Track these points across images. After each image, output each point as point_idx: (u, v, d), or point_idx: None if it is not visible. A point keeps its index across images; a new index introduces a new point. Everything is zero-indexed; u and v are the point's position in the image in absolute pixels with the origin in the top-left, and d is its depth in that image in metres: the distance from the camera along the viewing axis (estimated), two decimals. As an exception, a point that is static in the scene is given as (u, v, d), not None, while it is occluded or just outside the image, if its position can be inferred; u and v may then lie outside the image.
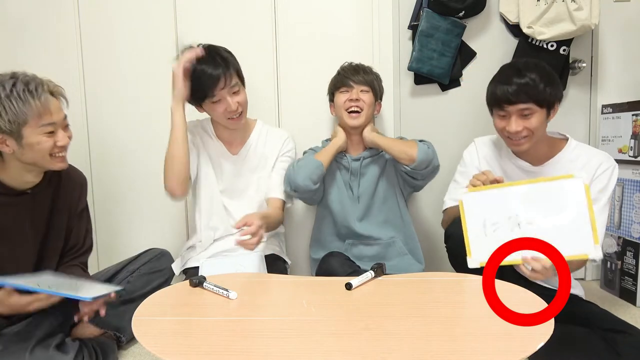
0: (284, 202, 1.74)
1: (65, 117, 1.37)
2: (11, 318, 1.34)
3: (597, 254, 1.13)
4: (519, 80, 1.35)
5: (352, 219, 1.76)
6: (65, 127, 1.37)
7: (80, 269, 1.54)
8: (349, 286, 1.12)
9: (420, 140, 1.70)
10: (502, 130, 1.42)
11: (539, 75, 1.35)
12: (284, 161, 1.76)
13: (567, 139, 1.49)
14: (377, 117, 1.96)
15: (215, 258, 1.63)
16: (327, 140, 1.84)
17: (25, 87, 1.24)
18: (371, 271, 1.20)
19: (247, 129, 1.76)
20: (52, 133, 1.31)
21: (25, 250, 1.41)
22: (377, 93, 1.76)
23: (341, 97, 1.73)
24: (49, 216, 1.44)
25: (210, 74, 1.52)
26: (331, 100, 1.82)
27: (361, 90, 1.71)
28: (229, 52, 1.63)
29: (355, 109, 1.70)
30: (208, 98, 1.56)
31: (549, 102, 1.37)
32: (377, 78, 1.78)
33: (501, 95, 1.37)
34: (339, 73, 1.79)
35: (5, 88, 1.22)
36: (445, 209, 1.61)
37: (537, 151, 1.45)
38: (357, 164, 1.76)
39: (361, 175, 1.77)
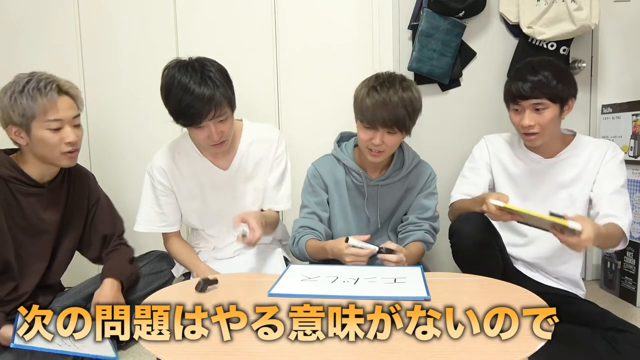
0: (279, 212, 1.70)
1: (77, 116, 1.43)
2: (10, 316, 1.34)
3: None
4: (533, 77, 1.43)
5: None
6: (76, 126, 1.43)
7: (122, 249, 1.61)
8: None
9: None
10: (517, 125, 1.50)
11: (552, 72, 1.43)
12: (279, 164, 1.65)
13: (574, 134, 1.56)
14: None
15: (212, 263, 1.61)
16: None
17: (37, 84, 1.34)
18: (377, 247, 1.22)
19: (234, 137, 1.58)
20: (58, 130, 1.38)
21: (43, 242, 1.48)
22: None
23: None
24: (64, 211, 1.52)
25: (199, 105, 1.35)
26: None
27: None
28: (224, 73, 1.45)
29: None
30: (192, 126, 1.43)
31: (562, 97, 1.44)
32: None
33: (516, 91, 1.46)
34: None
35: (20, 85, 1.34)
36: (452, 203, 1.61)
37: (549, 146, 1.53)
38: (374, 188, 1.56)
39: (380, 201, 1.57)
